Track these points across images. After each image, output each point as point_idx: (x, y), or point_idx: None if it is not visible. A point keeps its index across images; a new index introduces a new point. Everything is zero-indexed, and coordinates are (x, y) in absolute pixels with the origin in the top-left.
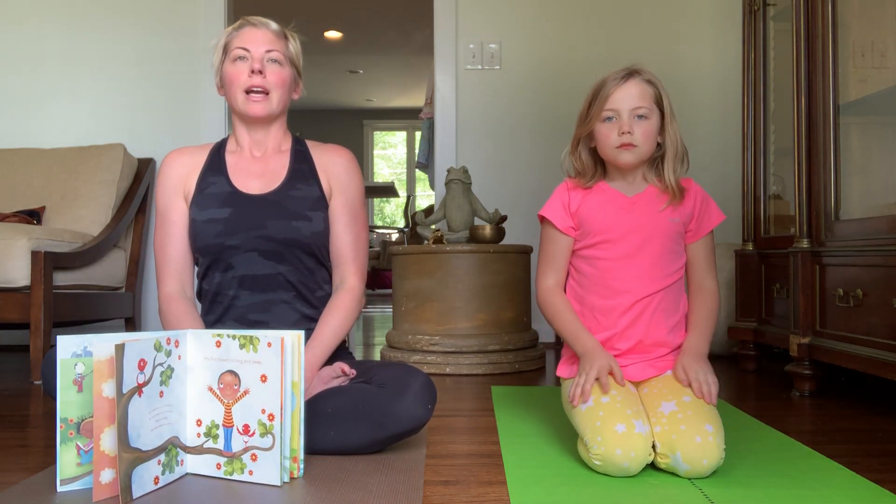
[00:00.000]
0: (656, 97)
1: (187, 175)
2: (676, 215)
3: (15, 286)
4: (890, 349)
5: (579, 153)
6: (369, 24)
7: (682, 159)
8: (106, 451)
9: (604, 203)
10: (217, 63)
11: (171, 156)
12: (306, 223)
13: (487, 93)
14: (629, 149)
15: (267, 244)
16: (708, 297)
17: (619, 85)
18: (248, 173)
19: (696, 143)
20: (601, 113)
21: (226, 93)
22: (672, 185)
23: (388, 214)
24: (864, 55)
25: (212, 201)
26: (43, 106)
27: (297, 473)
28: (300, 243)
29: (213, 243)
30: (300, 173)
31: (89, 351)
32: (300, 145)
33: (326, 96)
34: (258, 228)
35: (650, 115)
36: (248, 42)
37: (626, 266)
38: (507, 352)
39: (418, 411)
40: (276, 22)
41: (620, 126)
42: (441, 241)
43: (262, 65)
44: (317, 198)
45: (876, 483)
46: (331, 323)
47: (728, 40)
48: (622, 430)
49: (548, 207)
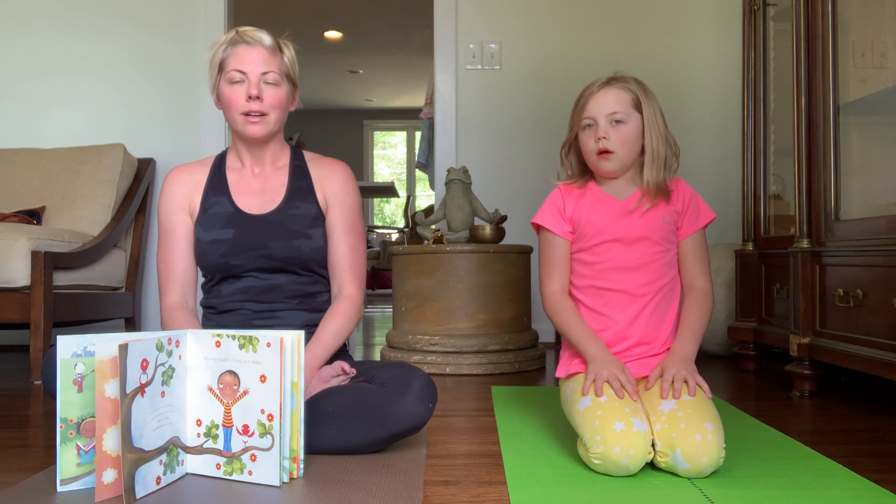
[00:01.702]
0: (635, 102)
1: (191, 193)
2: (667, 214)
3: (15, 286)
4: (890, 349)
5: (570, 160)
6: (369, 24)
7: (665, 163)
8: (108, 452)
9: (596, 207)
10: (213, 81)
11: (174, 173)
12: (306, 241)
13: (487, 93)
14: (607, 157)
15: (269, 262)
16: (699, 297)
17: (595, 92)
18: (249, 191)
19: (696, 144)
20: (580, 121)
21: (224, 113)
22: (651, 187)
23: (388, 214)
24: (864, 55)
25: (215, 222)
26: (43, 106)
27: (297, 473)
28: (301, 261)
29: (219, 263)
30: (299, 191)
31: (89, 351)
32: (298, 159)
33: (326, 96)
34: (260, 248)
35: (628, 120)
36: (244, 64)
37: (621, 268)
38: (507, 352)
39: (419, 410)
40: (270, 33)
41: (597, 132)
42: (441, 241)
43: (258, 90)
44: (315, 215)
45: (876, 483)
46: (330, 327)
47: (728, 40)
48: (621, 429)
49: (543, 214)
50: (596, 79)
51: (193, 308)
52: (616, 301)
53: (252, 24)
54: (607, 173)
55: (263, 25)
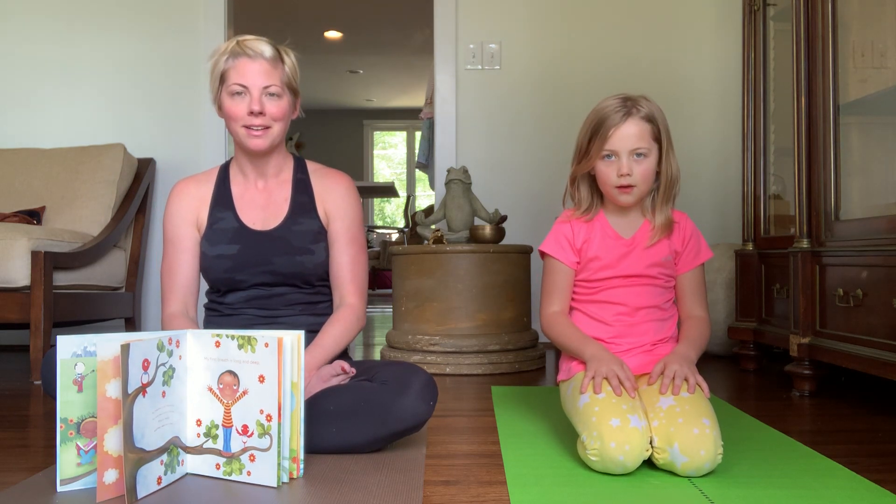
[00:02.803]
0: (654, 133)
1: (198, 208)
2: (668, 253)
3: (15, 286)
4: (890, 349)
5: (578, 186)
6: (369, 24)
7: (674, 190)
8: (109, 452)
9: (603, 242)
10: (214, 92)
11: (180, 186)
12: (309, 257)
13: (487, 93)
14: (628, 191)
15: (272, 277)
16: (698, 322)
17: (619, 126)
18: (254, 205)
19: (696, 143)
20: (600, 152)
21: (226, 124)
22: (662, 223)
23: (388, 214)
24: (864, 55)
25: (221, 237)
26: (43, 106)
27: (297, 474)
28: (303, 275)
29: (223, 277)
30: (301, 206)
31: (89, 351)
32: (301, 172)
33: (326, 96)
34: (265, 264)
35: (649, 154)
36: (245, 77)
37: (619, 304)
38: (507, 352)
39: (420, 408)
40: (271, 43)
41: (619, 168)
42: (441, 241)
43: (260, 105)
44: (317, 230)
45: (876, 483)
46: (331, 332)
47: (728, 40)
48: (617, 425)
49: (550, 243)
50: (609, 101)
51: (194, 317)
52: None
53: (252, 25)
54: (626, 205)
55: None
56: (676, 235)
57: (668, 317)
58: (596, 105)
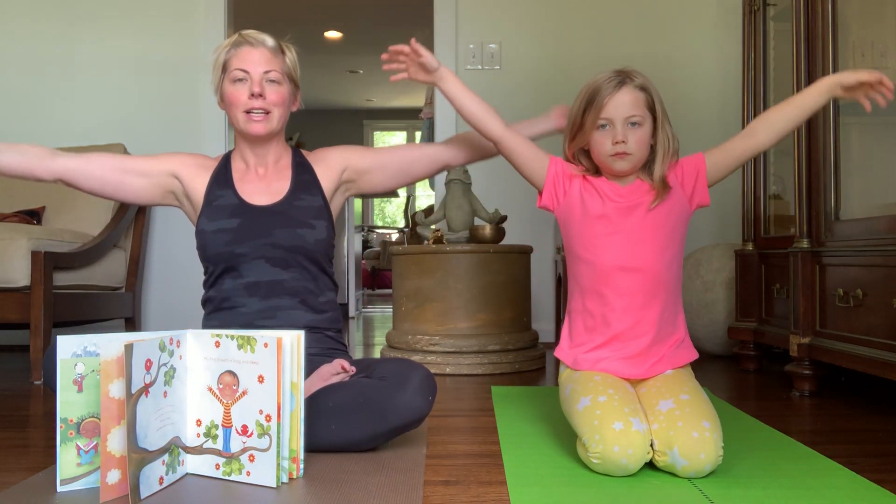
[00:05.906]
0: (648, 103)
1: (194, 173)
2: (677, 198)
3: (15, 286)
4: (890, 349)
5: (578, 160)
6: (369, 24)
7: (671, 158)
8: (112, 452)
9: (600, 191)
10: (216, 81)
11: (192, 154)
12: (310, 231)
13: (487, 93)
14: (623, 157)
15: (274, 251)
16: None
17: (613, 94)
18: (254, 188)
19: (696, 143)
20: (596, 121)
21: (227, 112)
22: (658, 182)
23: (388, 214)
24: (864, 55)
25: (221, 213)
26: (43, 106)
27: (297, 474)
28: (304, 250)
29: (223, 251)
30: (303, 184)
31: (89, 351)
32: (299, 157)
33: (326, 96)
34: (265, 236)
35: (643, 122)
36: (247, 63)
37: (623, 272)
38: (507, 352)
39: (419, 403)
40: (272, 36)
41: (615, 135)
42: (441, 241)
43: (261, 87)
44: (319, 207)
45: (876, 483)
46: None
47: (728, 40)
48: (619, 428)
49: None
50: (602, 73)
51: (54, 166)
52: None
53: (252, 25)
54: (621, 172)
55: (264, 25)
56: (674, 178)
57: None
58: (588, 81)
